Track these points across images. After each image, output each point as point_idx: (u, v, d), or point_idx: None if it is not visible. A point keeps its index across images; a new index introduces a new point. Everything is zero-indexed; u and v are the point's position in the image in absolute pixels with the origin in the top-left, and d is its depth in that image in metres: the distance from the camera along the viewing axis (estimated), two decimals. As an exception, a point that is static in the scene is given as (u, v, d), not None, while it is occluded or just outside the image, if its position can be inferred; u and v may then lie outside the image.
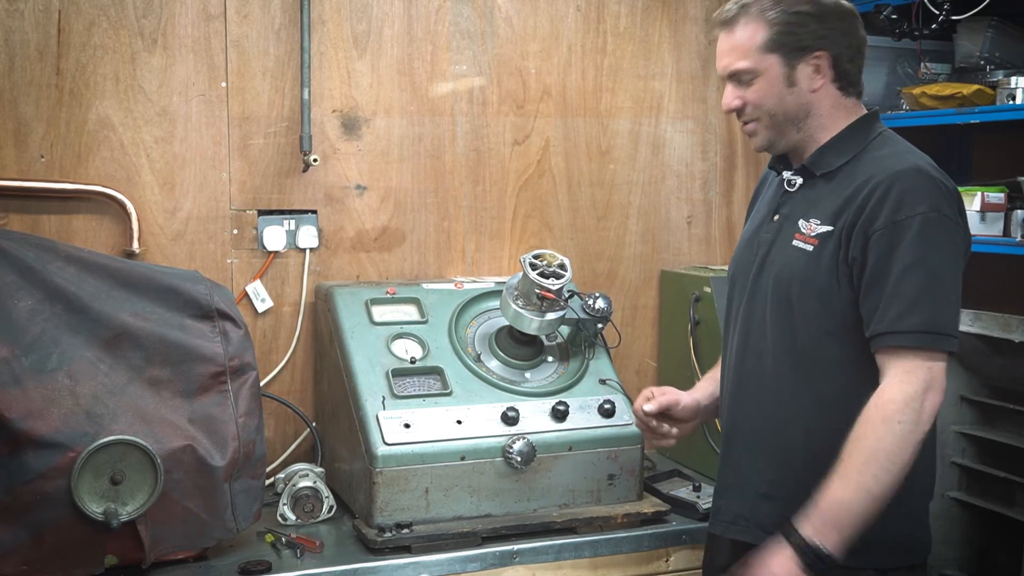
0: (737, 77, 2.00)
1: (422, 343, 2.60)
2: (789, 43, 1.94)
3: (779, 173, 2.09)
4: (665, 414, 2.21)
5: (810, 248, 1.94)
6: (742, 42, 1.97)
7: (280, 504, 2.50)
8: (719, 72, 2.04)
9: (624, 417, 2.56)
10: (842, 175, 1.97)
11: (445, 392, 2.50)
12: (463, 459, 2.40)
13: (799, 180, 2.03)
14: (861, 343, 1.89)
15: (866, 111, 2.04)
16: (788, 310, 1.97)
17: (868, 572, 1.91)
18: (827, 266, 1.92)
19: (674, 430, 2.22)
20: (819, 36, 1.94)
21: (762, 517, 2.00)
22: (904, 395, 1.80)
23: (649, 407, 2.19)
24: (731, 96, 2.01)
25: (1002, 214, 2.61)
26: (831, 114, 1.99)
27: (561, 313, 2.57)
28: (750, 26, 1.96)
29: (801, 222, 1.98)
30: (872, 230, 1.86)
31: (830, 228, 1.92)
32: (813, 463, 1.92)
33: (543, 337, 2.66)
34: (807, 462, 1.94)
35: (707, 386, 2.28)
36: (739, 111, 2.03)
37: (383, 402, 2.43)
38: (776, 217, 2.05)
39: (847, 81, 1.99)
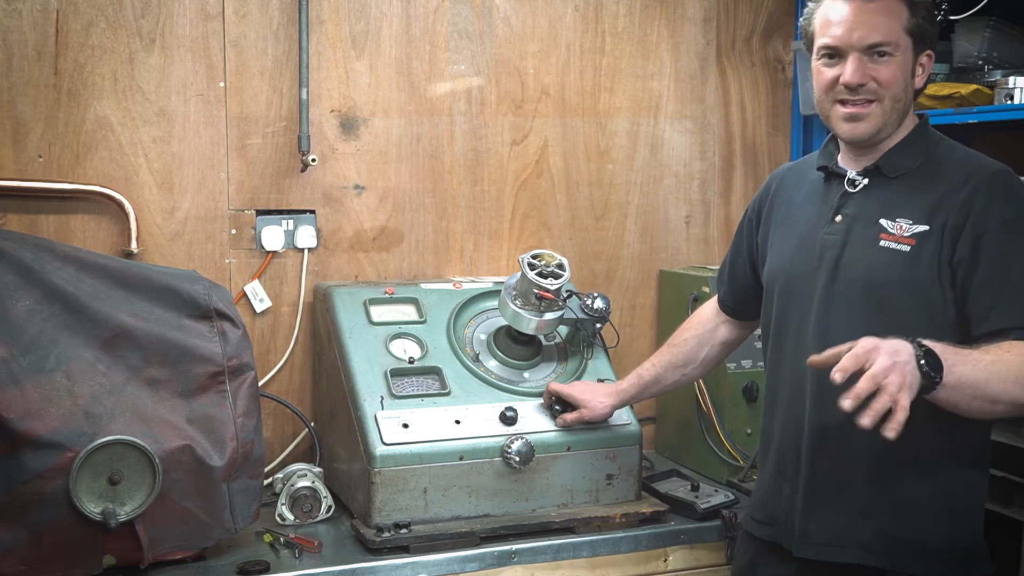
0: (874, 51, 1.88)
1: (421, 343, 2.59)
2: (921, 32, 1.90)
3: (828, 173, 2.03)
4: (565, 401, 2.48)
5: (907, 248, 1.88)
6: (886, 16, 1.86)
7: (278, 504, 2.50)
8: (847, 42, 1.89)
9: (622, 417, 2.56)
10: (918, 176, 1.94)
11: (443, 392, 2.50)
12: (461, 459, 2.40)
13: (864, 181, 1.98)
14: (959, 343, 1.79)
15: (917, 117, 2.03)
16: (881, 312, 1.89)
17: None
18: (928, 266, 1.87)
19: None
20: (936, 36, 1.92)
21: (860, 535, 1.93)
22: None
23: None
24: (861, 70, 1.88)
25: (1001, 214, 2.61)
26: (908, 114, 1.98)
27: (559, 313, 2.57)
28: (895, 2, 1.88)
29: (884, 222, 1.92)
30: (983, 229, 1.83)
31: (926, 228, 1.88)
32: (914, 472, 1.88)
33: (541, 337, 2.66)
34: (906, 473, 1.90)
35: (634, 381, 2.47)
36: (855, 88, 1.90)
37: (381, 402, 2.43)
38: (839, 218, 1.98)
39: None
